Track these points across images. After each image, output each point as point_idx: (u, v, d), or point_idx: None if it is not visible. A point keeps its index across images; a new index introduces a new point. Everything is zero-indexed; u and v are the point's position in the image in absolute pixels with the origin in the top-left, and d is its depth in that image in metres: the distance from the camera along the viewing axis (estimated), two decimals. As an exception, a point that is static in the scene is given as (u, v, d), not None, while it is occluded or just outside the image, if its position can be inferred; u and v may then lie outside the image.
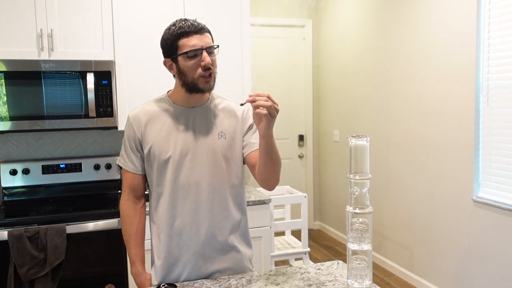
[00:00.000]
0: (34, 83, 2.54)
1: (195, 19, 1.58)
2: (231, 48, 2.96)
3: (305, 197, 3.24)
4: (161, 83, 2.82)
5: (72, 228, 2.41)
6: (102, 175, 2.93)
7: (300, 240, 3.41)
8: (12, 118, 2.52)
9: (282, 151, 4.98)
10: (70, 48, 2.65)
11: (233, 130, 1.61)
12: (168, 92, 1.64)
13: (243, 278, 1.55)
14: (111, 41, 2.72)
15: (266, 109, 1.34)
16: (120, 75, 2.75)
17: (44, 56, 2.60)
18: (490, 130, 2.83)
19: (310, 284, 1.48)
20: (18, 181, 2.79)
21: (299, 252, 3.27)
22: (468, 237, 2.99)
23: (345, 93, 4.49)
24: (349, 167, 1.32)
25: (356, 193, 1.31)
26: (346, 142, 4.51)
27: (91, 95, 2.63)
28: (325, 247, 4.59)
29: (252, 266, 1.70)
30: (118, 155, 2.98)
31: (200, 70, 1.48)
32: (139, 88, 2.80)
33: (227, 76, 2.96)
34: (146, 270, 1.65)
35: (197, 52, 1.47)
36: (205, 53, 1.48)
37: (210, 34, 1.53)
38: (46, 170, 2.83)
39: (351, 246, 1.32)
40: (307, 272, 1.59)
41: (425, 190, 3.39)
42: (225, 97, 1.71)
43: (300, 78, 5.02)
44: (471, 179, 2.94)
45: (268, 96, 1.35)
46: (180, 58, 1.49)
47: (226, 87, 2.95)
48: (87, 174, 2.90)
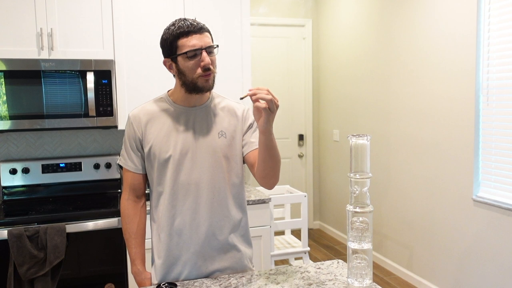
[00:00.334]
0: (34, 82, 2.54)
1: (195, 18, 1.58)
2: (231, 47, 2.96)
3: (305, 196, 3.24)
4: (161, 83, 2.82)
5: (72, 227, 2.41)
6: (102, 174, 2.93)
7: (300, 240, 3.41)
8: (12, 117, 2.52)
9: (282, 150, 4.98)
10: (70, 47, 2.65)
11: (233, 129, 1.61)
12: (168, 91, 1.64)
13: (243, 277, 1.55)
14: (111, 40, 2.72)
15: (266, 102, 1.33)
16: (120, 75, 2.75)
17: (44, 55, 2.59)
18: (490, 130, 2.83)
19: (310, 283, 1.48)
20: (18, 180, 2.78)
21: (299, 251, 3.27)
22: (468, 236, 2.99)
23: (345, 92, 4.49)
24: (349, 166, 1.32)
25: (357, 192, 1.31)
26: (346, 141, 4.52)
27: (91, 94, 2.63)
28: (325, 246, 4.59)
29: (253, 266, 1.70)
30: (118, 154, 2.99)
31: (199, 70, 1.48)
32: (139, 87, 2.80)
33: (227, 76, 2.96)
34: (146, 269, 1.65)
35: (196, 52, 1.46)
36: (204, 53, 1.47)
37: (210, 33, 1.53)
38: (46, 169, 2.83)
39: (352, 245, 1.32)
40: (307, 271, 1.59)
41: (425, 189, 3.39)
42: (225, 96, 1.71)
43: (300, 78, 5.02)
44: (471, 178, 2.94)
45: (268, 90, 1.34)
46: (179, 58, 1.49)
47: (226, 86, 2.95)
48: (87, 173, 2.90)
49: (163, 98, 1.62)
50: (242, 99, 1.44)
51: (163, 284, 1.38)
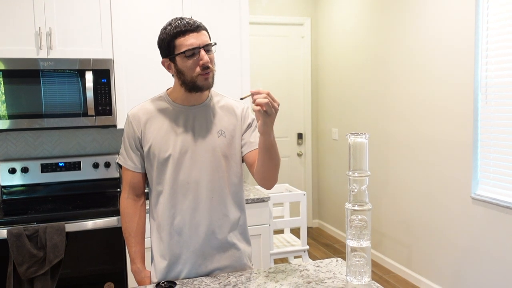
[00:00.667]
0: (32, 81, 2.53)
1: (191, 16, 1.57)
2: (230, 46, 2.96)
3: (304, 195, 3.25)
4: (160, 81, 2.82)
5: (71, 226, 2.41)
6: (101, 173, 2.93)
7: (299, 238, 3.41)
8: (10, 117, 2.52)
9: (281, 149, 4.98)
10: (68, 47, 2.65)
11: (232, 128, 1.61)
12: (167, 90, 1.63)
13: (242, 275, 1.56)
14: (110, 39, 2.72)
15: (262, 106, 1.33)
16: (119, 74, 2.75)
17: (42, 54, 2.59)
18: (488, 128, 2.84)
19: (309, 281, 1.49)
20: (17, 179, 2.78)
21: (298, 250, 3.27)
22: (466, 234, 3.00)
23: (344, 91, 4.49)
24: (348, 165, 1.32)
25: (355, 190, 1.31)
26: (345, 140, 4.52)
27: (89, 94, 2.63)
28: (324, 245, 4.59)
29: (252, 264, 1.71)
30: (117, 153, 2.99)
31: (198, 69, 1.48)
32: (138, 86, 2.80)
33: (226, 75, 2.96)
34: (146, 267, 1.65)
35: (194, 51, 1.46)
36: (202, 51, 1.47)
37: (207, 31, 1.52)
38: (45, 168, 2.83)
39: (350, 243, 1.33)
40: (306, 269, 1.60)
41: (423, 187, 3.40)
42: (224, 94, 1.70)
43: (299, 76, 5.02)
44: (469, 176, 2.95)
45: (268, 93, 1.34)
46: (178, 58, 1.48)
47: (225, 85, 2.95)
48: (86, 173, 2.90)
49: (162, 97, 1.61)
50: (242, 99, 1.44)
51: (163, 283, 1.38)
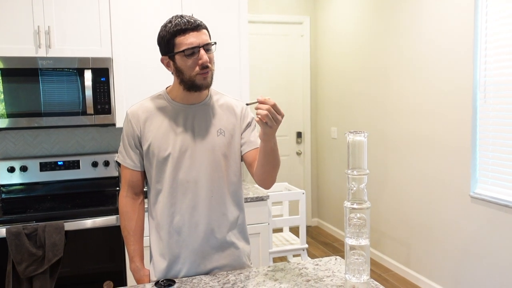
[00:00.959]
0: (31, 80, 2.53)
1: (192, 15, 1.56)
2: (229, 45, 2.96)
3: (303, 193, 3.25)
4: (159, 80, 2.82)
5: (71, 225, 2.41)
6: (100, 172, 2.93)
7: (298, 237, 3.42)
8: (9, 115, 2.52)
9: (280, 148, 4.98)
10: (67, 45, 2.65)
11: (232, 127, 1.61)
12: (167, 88, 1.63)
13: (241, 274, 1.56)
14: (109, 38, 2.71)
15: (262, 117, 1.32)
16: (118, 72, 2.75)
17: (41, 53, 2.59)
18: (487, 126, 2.84)
19: (308, 280, 1.49)
20: (16, 178, 2.78)
21: (297, 248, 3.28)
22: (465, 233, 3.00)
23: (343, 90, 4.49)
24: (347, 163, 1.32)
25: (354, 188, 1.32)
26: (344, 139, 4.52)
27: (88, 92, 2.63)
28: (323, 243, 4.60)
29: (251, 263, 1.71)
30: (116, 152, 2.99)
31: (197, 68, 1.47)
32: (137, 85, 2.80)
33: (225, 74, 2.96)
34: (145, 266, 1.65)
35: (194, 50, 1.45)
36: (202, 51, 1.46)
37: (207, 30, 1.51)
38: (44, 167, 2.83)
39: (349, 241, 1.33)
40: (305, 268, 1.60)
41: (422, 186, 3.40)
42: (224, 93, 1.70)
43: (298, 75, 5.02)
44: (468, 175, 2.95)
45: (273, 105, 1.32)
46: (177, 56, 1.48)
47: (224, 84, 2.95)
48: (85, 171, 2.90)
49: (161, 95, 1.61)
50: (248, 105, 1.42)
51: (162, 281, 1.38)
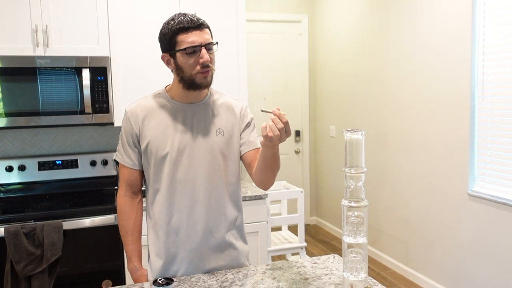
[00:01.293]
0: (29, 79, 2.53)
1: (195, 13, 1.55)
2: (227, 44, 2.96)
3: (301, 192, 3.25)
4: (157, 79, 2.82)
5: (69, 224, 2.41)
6: (99, 171, 2.92)
7: (296, 235, 3.42)
8: (7, 115, 2.52)
9: (279, 146, 4.97)
10: (65, 44, 2.64)
11: (231, 127, 1.60)
12: (166, 87, 1.62)
13: (239, 272, 1.56)
14: (107, 36, 2.71)
15: (269, 133, 1.32)
16: (116, 71, 2.74)
17: (39, 52, 2.59)
18: (485, 124, 2.85)
19: (306, 278, 1.49)
20: (14, 177, 2.78)
21: (296, 247, 3.28)
22: (463, 231, 3.01)
23: (341, 88, 4.49)
24: (344, 161, 1.33)
25: (352, 186, 1.32)
26: (343, 137, 4.52)
27: (86, 91, 2.63)
28: (321, 242, 4.61)
29: (249, 263, 1.70)
30: (115, 151, 2.98)
31: (198, 67, 1.46)
32: (135, 84, 2.80)
33: (223, 72, 2.96)
34: (143, 266, 1.65)
35: (196, 49, 1.45)
36: (204, 50, 1.46)
37: (209, 29, 1.51)
38: (42, 166, 2.82)
39: (347, 240, 1.33)
40: (303, 266, 1.60)
41: (421, 184, 3.40)
42: (224, 92, 1.69)
43: (297, 74, 5.02)
44: (466, 173, 2.96)
45: (286, 123, 1.32)
46: (178, 54, 1.47)
47: (222, 83, 2.95)
48: (83, 171, 2.90)
49: (160, 94, 1.60)
50: (262, 111, 1.41)
51: (160, 279, 1.38)
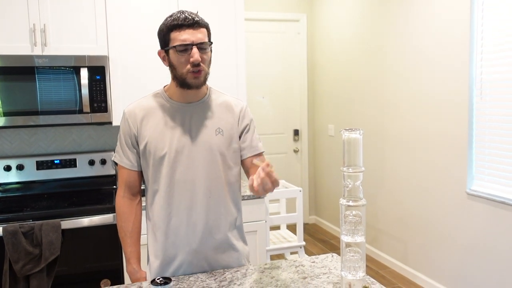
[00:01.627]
0: (27, 78, 2.52)
1: (197, 12, 1.54)
2: (226, 43, 2.96)
3: (300, 191, 3.25)
4: (155, 78, 2.81)
5: (67, 223, 2.40)
6: (97, 170, 2.92)
7: (295, 234, 3.42)
8: (5, 114, 2.51)
9: (278, 146, 4.99)
10: (63, 43, 2.64)
11: (230, 127, 1.59)
12: (164, 87, 1.61)
13: (238, 271, 1.56)
14: (105, 36, 2.71)
15: (255, 187, 1.31)
16: (114, 70, 2.74)
17: (37, 51, 2.58)
18: (483, 123, 2.85)
19: (305, 277, 1.49)
20: (13, 177, 2.78)
21: (294, 246, 3.28)
22: (462, 230, 3.01)
23: (340, 87, 4.49)
24: (342, 160, 1.33)
25: (350, 186, 1.32)
26: (341, 136, 4.52)
27: (85, 91, 2.62)
28: (320, 241, 4.61)
29: (250, 264, 1.70)
30: (113, 150, 2.98)
31: (189, 66, 1.45)
32: (134, 83, 2.79)
33: (222, 72, 2.96)
34: (142, 267, 1.63)
35: (187, 47, 1.44)
36: (195, 49, 1.44)
37: (207, 29, 1.49)
38: (41, 166, 2.82)
39: (345, 239, 1.33)
40: (301, 265, 1.60)
41: (419, 183, 3.41)
42: (223, 91, 1.68)
43: (295, 73, 5.02)
44: (464, 172, 2.96)
45: (273, 182, 1.31)
46: (171, 51, 1.47)
47: (221, 82, 2.95)
48: (82, 170, 2.90)
49: (159, 94, 1.59)
50: (254, 163, 1.39)
51: (158, 279, 1.38)
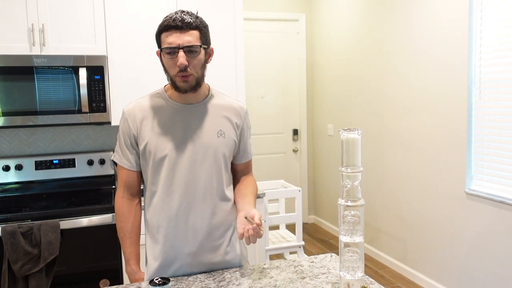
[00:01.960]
0: (26, 78, 2.52)
1: (196, 12, 1.52)
2: (225, 43, 2.95)
3: (299, 191, 3.25)
4: (154, 78, 2.81)
5: (66, 223, 2.40)
6: (96, 170, 2.92)
7: (294, 234, 3.42)
8: (4, 114, 2.51)
9: (277, 145, 4.99)
10: (62, 43, 2.63)
11: (231, 130, 1.58)
12: (165, 86, 1.58)
13: (236, 271, 1.56)
14: (103, 35, 2.70)
15: (242, 234, 1.39)
16: (113, 70, 2.74)
17: (35, 51, 2.58)
18: (482, 123, 2.85)
19: (304, 277, 1.49)
20: (11, 177, 2.78)
21: (294, 245, 3.28)
22: (461, 229, 3.02)
23: (339, 87, 4.49)
24: (341, 160, 1.33)
25: (348, 186, 1.32)
26: (340, 136, 4.52)
27: (83, 91, 2.62)
28: (319, 240, 4.61)
29: (248, 264, 1.70)
30: (112, 150, 2.98)
31: (177, 69, 1.42)
32: (132, 83, 2.79)
33: (221, 71, 2.96)
34: (141, 268, 1.62)
35: (173, 50, 1.40)
36: (181, 52, 1.40)
37: (200, 31, 1.44)
38: (39, 166, 2.82)
39: (343, 239, 1.33)
40: (300, 265, 1.60)
41: (418, 183, 3.41)
42: (225, 93, 1.66)
43: (294, 72, 5.02)
44: (463, 171, 2.96)
45: (260, 236, 1.40)
46: (162, 53, 1.45)
47: (220, 82, 2.95)
48: (80, 170, 2.90)
49: (159, 94, 1.56)
50: (246, 218, 1.45)
51: (156, 279, 1.38)
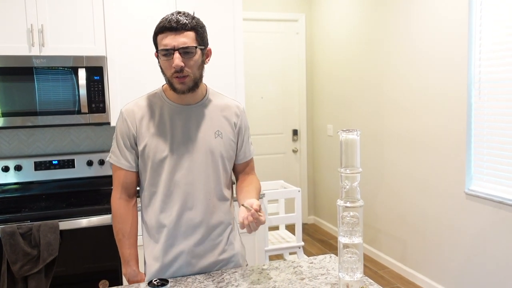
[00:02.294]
0: (26, 79, 2.52)
1: (193, 13, 1.51)
2: (224, 43, 2.95)
3: (299, 191, 3.25)
4: (154, 79, 2.81)
5: (66, 224, 2.40)
6: (95, 171, 2.92)
7: (294, 235, 3.42)
8: (4, 114, 2.51)
9: (277, 145, 4.99)
10: (61, 44, 2.63)
11: (229, 130, 1.58)
12: (163, 86, 1.58)
13: (236, 272, 1.56)
14: (103, 36, 2.70)
15: (243, 223, 1.38)
16: (112, 71, 2.74)
17: (35, 51, 2.58)
18: (482, 123, 2.85)
19: (303, 278, 1.49)
20: (11, 177, 2.77)
21: (293, 246, 3.28)
22: (460, 230, 3.01)
23: (338, 87, 4.49)
24: (340, 161, 1.33)
25: (347, 187, 1.32)
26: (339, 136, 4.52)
27: (83, 91, 2.62)
28: (319, 241, 4.61)
29: (246, 264, 1.69)
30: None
31: (173, 71, 1.42)
32: (132, 83, 2.79)
33: (220, 72, 2.96)
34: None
35: (168, 52, 1.40)
36: (176, 54, 1.39)
37: (196, 32, 1.43)
38: (39, 166, 2.82)
39: (342, 240, 1.33)
40: (299, 266, 1.60)
41: (418, 183, 3.41)
42: (222, 93, 1.66)
43: (294, 73, 5.02)
44: (463, 172, 2.96)
45: (261, 223, 1.38)
46: (159, 54, 1.45)
47: (219, 82, 2.95)
48: (80, 170, 2.89)
49: (157, 94, 1.56)
50: (243, 206, 1.43)
51: (155, 280, 1.37)
